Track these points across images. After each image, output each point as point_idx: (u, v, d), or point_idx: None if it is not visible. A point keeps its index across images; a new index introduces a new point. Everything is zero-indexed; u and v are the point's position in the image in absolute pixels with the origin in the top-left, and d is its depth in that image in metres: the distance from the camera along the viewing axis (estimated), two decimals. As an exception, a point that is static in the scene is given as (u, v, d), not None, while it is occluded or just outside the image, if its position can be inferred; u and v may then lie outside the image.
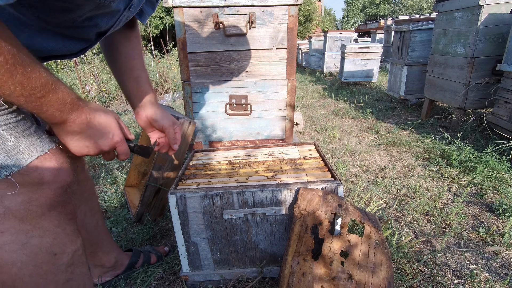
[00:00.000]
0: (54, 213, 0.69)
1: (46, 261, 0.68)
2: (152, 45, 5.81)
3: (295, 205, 0.95)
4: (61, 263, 0.71)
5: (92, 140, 0.67)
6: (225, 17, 1.53)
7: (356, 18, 34.28)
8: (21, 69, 0.50)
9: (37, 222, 0.66)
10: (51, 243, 0.69)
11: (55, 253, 0.69)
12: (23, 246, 0.65)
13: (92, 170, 2.24)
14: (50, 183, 0.66)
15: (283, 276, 0.85)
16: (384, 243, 0.90)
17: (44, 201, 0.66)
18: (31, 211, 0.65)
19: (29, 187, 0.64)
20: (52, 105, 0.57)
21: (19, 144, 0.62)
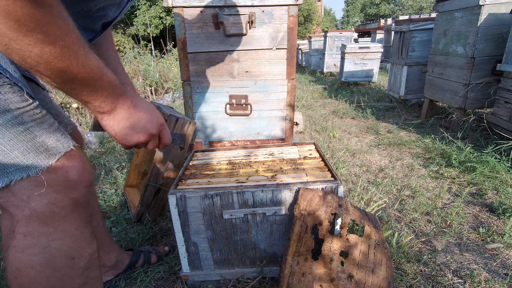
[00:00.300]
0: (75, 215, 0.68)
1: (64, 265, 0.67)
2: (152, 45, 5.81)
3: (295, 205, 0.95)
4: (78, 267, 0.70)
5: (141, 125, 0.65)
6: (225, 17, 1.53)
7: (356, 18, 34.28)
8: (83, 50, 0.50)
9: (59, 224, 0.65)
10: (70, 246, 0.68)
11: (73, 257, 0.69)
12: (44, 250, 0.64)
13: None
14: (76, 182, 0.65)
15: (283, 276, 0.85)
16: (384, 243, 0.90)
17: (68, 202, 0.65)
18: (55, 213, 0.64)
19: (54, 187, 0.62)
20: (106, 89, 0.56)
21: (47, 140, 0.61)
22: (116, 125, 0.62)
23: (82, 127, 3.26)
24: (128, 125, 0.63)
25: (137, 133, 0.65)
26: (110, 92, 0.57)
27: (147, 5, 12.69)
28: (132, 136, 0.65)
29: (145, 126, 0.66)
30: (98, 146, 2.65)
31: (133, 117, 0.64)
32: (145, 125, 0.66)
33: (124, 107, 0.62)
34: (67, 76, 0.49)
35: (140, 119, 0.65)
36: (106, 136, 2.78)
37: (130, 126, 0.63)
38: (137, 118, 0.64)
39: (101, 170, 2.14)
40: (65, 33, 0.46)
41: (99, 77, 0.53)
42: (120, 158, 2.37)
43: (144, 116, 0.66)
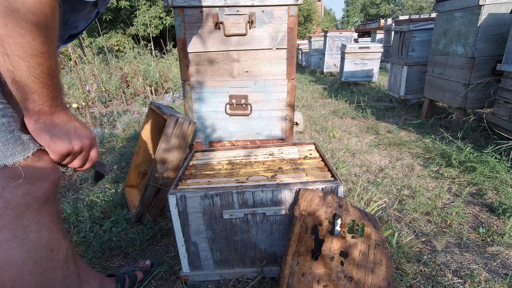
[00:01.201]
0: (48, 208, 0.69)
1: (45, 258, 0.68)
2: (152, 45, 5.81)
3: (296, 206, 0.95)
4: (58, 260, 0.71)
5: (77, 133, 0.66)
6: (225, 17, 1.53)
7: (356, 18, 34.28)
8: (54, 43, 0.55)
9: (34, 216, 0.66)
10: (47, 238, 0.68)
11: (52, 249, 0.69)
12: (22, 243, 0.65)
13: (92, 170, 2.24)
14: (49, 175, 0.68)
15: (283, 276, 0.85)
16: (384, 243, 0.90)
17: (41, 194, 0.67)
18: (29, 205, 0.65)
19: (29, 179, 0.64)
20: (56, 89, 0.59)
21: (22, 135, 0.63)
22: (53, 129, 0.62)
23: (82, 127, 3.26)
24: (65, 130, 0.64)
25: (73, 140, 0.65)
26: (57, 94, 0.60)
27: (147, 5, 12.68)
28: (68, 143, 0.64)
29: (80, 135, 0.67)
30: (98, 146, 2.65)
31: (70, 124, 0.65)
32: (81, 134, 0.67)
33: (64, 112, 0.64)
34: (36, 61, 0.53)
35: (76, 127, 0.66)
36: (106, 136, 2.78)
37: (66, 132, 0.64)
38: (73, 126, 0.66)
39: (101, 170, 2.14)
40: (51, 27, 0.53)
41: (55, 74, 0.58)
42: (120, 158, 2.37)
43: (80, 126, 0.67)
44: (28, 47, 0.51)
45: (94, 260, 1.28)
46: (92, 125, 3.18)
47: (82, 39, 7.09)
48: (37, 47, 0.52)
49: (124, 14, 12.82)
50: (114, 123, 3.48)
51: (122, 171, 2.13)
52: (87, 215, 1.54)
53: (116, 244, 1.36)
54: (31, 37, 0.51)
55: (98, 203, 1.68)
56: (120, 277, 1.06)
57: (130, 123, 3.31)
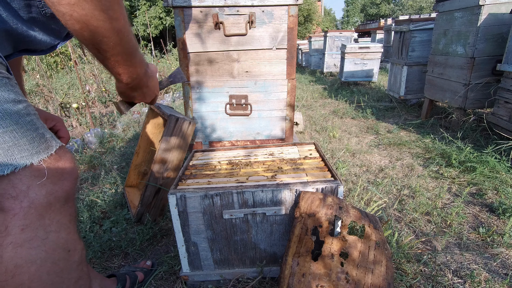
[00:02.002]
0: (67, 208, 0.69)
1: (62, 258, 0.68)
2: (152, 45, 5.81)
3: (296, 208, 0.95)
4: (74, 261, 0.70)
5: (156, 82, 0.81)
6: (225, 17, 1.53)
7: (356, 18, 34.28)
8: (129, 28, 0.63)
9: (55, 216, 0.66)
10: (66, 238, 0.68)
11: (69, 249, 0.69)
12: (43, 242, 0.64)
13: (92, 170, 2.24)
14: (70, 173, 0.68)
15: (283, 276, 0.85)
16: (385, 244, 0.90)
17: (62, 194, 0.67)
18: (51, 204, 0.65)
19: (52, 178, 0.64)
20: (140, 55, 0.70)
21: (45, 133, 0.64)
22: (148, 81, 0.77)
23: (82, 127, 3.26)
24: (152, 81, 0.79)
25: (156, 89, 0.83)
26: (142, 59, 0.72)
27: (147, 5, 12.68)
28: (155, 89, 0.81)
29: (157, 83, 0.83)
30: (98, 146, 2.65)
31: (154, 75, 0.81)
32: (157, 82, 0.83)
33: (150, 68, 0.78)
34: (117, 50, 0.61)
35: (156, 78, 0.82)
36: (106, 136, 2.78)
37: (153, 83, 0.80)
38: (155, 77, 0.82)
39: (101, 170, 2.14)
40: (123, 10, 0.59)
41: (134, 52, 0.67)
42: (120, 158, 2.37)
43: (155, 75, 0.83)
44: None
45: (94, 260, 1.28)
46: (92, 125, 3.18)
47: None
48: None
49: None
50: (114, 123, 3.48)
51: (122, 171, 2.13)
52: (87, 215, 1.54)
53: (116, 244, 1.36)
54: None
55: (98, 203, 1.68)
56: (121, 277, 1.06)
57: (130, 123, 3.31)
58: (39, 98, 3.51)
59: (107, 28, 0.55)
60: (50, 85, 3.68)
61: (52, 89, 3.64)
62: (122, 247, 1.34)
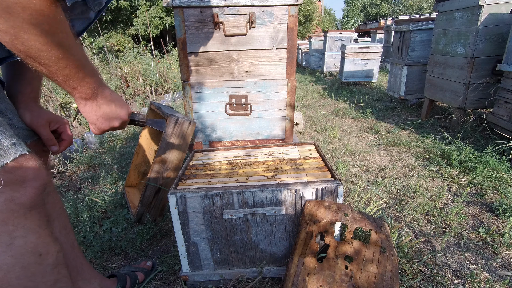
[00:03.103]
0: (34, 213, 0.68)
1: (33, 262, 0.67)
2: (152, 45, 5.81)
3: (301, 217, 0.97)
4: (48, 264, 0.70)
5: (117, 112, 0.75)
6: (225, 17, 1.53)
7: (356, 18, 34.27)
8: (72, 40, 0.61)
9: (19, 222, 0.66)
10: (35, 243, 0.68)
11: (41, 253, 0.69)
12: (8, 248, 0.64)
13: (92, 170, 2.24)
14: (32, 181, 0.67)
15: (289, 275, 0.86)
16: (392, 250, 0.90)
17: (25, 200, 0.66)
18: (13, 210, 0.65)
19: (11, 186, 0.64)
20: (92, 77, 0.67)
21: (3, 140, 0.63)
22: (97, 110, 0.72)
23: (82, 127, 3.26)
24: (106, 111, 0.73)
25: (113, 119, 0.75)
26: (94, 79, 0.68)
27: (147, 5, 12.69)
28: (109, 121, 0.75)
29: (118, 113, 0.76)
30: (98, 146, 2.65)
31: (110, 104, 0.74)
32: (119, 112, 0.76)
33: (104, 94, 0.72)
34: (62, 63, 0.60)
35: (116, 106, 0.75)
36: (106, 136, 2.78)
37: (109, 112, 0.74)
38: (113, 105, 0.74)
39: (101, 170, 2.14)
40: (62, 25, 0.58)
41: (85, 65, 0.65)
42: (120, 158, 2.37)
43: (118, 103, 0.76)
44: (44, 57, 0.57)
45: (94, 260, 1.28)
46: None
47: (82, 39, 7.09)
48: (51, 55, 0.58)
49: (124, 14, 12.82)
50: (114, 123, 3.47)
51: (122, 171, 2.13)
52: (87, 215, 1.54)
53: (116, 244, 1.36)
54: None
55: (98, 203, 1.68)
56: (122, 277, 1.06)
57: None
58: (39, 98, 3.51)
59: (42, 42, 0.55)
60: (50, 85, 3.68)
61: (52, 89, 3.64)
62: (122, 247, 1.34)
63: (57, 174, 2.19)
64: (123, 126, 0.80)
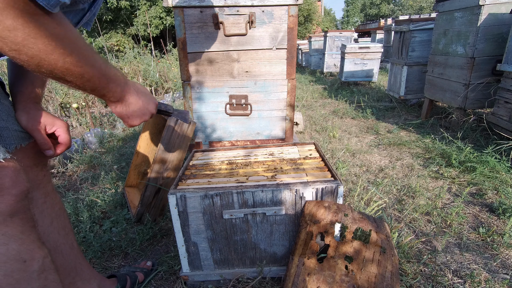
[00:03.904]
0: (16, 220, 0.67)
1: (17, 269, 0.66)
2: (152, 45, 5.81)
3: (301, 217, 0.97)
4: (33, 270, 0.68)
5: (145, 107, 0.80)
6: (225, 17, 1.53)
7: (356, 18, 34.27)
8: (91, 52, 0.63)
9: (0, 229, 0.64)
10: (18, 249, 0.66)
11: (25, 260, 0.67)
12: None
13: (92, 170, 2.24)
14: (10, 188, 0.66)
15: (289, 274, 0.86)
16: (392, 250, 0.90)
17: (4, 208, 0.65)
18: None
19: None
20: (115, 81, 0.70)
21: None
22: (127, 110, 0.77)
23: (82, 127, 3.26)
24: (136, 107, 0.78)
25: (142, 112, 0.80)
26: (118, 84, 0.71)
27: (147, 5, 12.69)
28: (140, 115, 0.80)
29: (146, 106, 0.81)
30: (98, 146, 2.65)
31: (138, 101, 0.78)
32: (147, 106, 0.81)
33: (131, 92, 0.76)
34: (85, 78, 0.63)
35: (143, 102, 0.80)
36: (106, 136, 2.78)
37: (138, 108, 0.79)
38: (141, 101, 0.79)
39: (101, 170, 2.14)
40: (76, 42, 0.59)
41: (106, 72, 0.67)
42: (120, 158, 2.37)
43: (145, 98, 0.80)
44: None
45: (94, 260, 1.28)
46: (92, 125, 3.18)
47: (82, 39, 7.08)
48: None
49: (124, 14, 12.82)
50: (114, 123, 3.48)
51: (122, 171, 2.13)
52: (87, 215, 1.54)
53: (116, 244, 1.36)
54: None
55: (98, 203, 1.68)
56: (121, 277, 1.06)
57: (130, 123, 3.30)
58: (39, 98, 3.51)
59: (68, 62, 0.57)
60: (50, 85, 3.68)
61: (52, 89, 3.64)
62: (122, 247, 1.34)
63: (57, 174, 2.19)
64: (151, 117, 0.86)
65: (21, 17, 0.48)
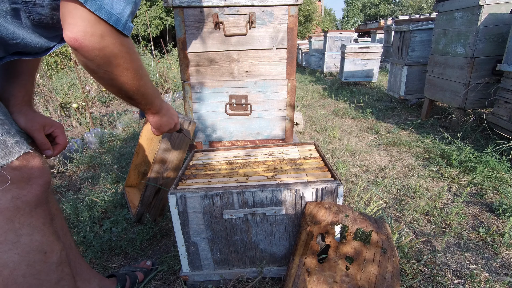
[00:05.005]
0: (39, 211, 0.69)
1: (38, 260, 0.68)
2: (152, 45, 5.81)
3: (302, 218, 0.97)
4: (52, 262, 0.71)
5: (171, 118, 0.99)
6: (225, 17, 1.53)
7: (356, 18, 34.27)
8: (146, 77, 0.78)
9: (25, 219, 0.66)
10: (40, 241, 0.68)
11: (45, 251, 0.69)
12: (14, 246, 0.65)
13: (92, 170, 2.24)
14: (38, 178, 0.68)
15: (290, 275, 0.86)
16: (393, 251, 0.90)
17: (31, 198, 0.67)
18: (19, 208, 0.65)
19: (18, 183, 0.65)
20: (157, 97, 0.87)
21: (8, 139, 0.64)
22: (161, 119, 0.95)
23: (82, 127, 3.26)
24: (166, 118, 0.97)
25: (170, 123, 0.99)
26: (159, 100, 0.89)
27: (147, 5, 12.69)
28: (168, 124, 0.99)
29: (173, 118, 1.01)
30: (98, 146, 2.65)
31: (168, 113, 0.97)
32: (173, 117, 1.01)
33: (164, 106, 0.94)
34: (147, 97, 0.80)
35: (170, 114, 0.99)
36: (106, 136, 2.78)
37: (167, 119, 0.98)
38: (170, 113, 0.99)
39: (101, 170, 2.14)
40: (139, 65, 0.72)
41: (154, 91, 0.84)
42: (120, 158, 2.37)
43: (171, 112, 1.00)
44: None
45: (94, 260, 1.28)
46: (92, 125, 3.18)
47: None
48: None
49: (124, 14, 12.80)
50: (114, 123, 3.48)
51: (122, 171, 2.13)
52: (87, 215, 1.54)
53: (116, 244, 1.36)
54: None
55: (98, 203, 1.68)
56: (121, 277, 1.06)
57: (130, 123, 3.31)
58: (39, 98, 3.51)
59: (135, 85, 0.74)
60: (50, 85, 3.68)
61: (52, 89, 3.64)
62: (122, 247, 1.34)
63: (57, 174, 2.19)
64: (175, 128, 1.06)
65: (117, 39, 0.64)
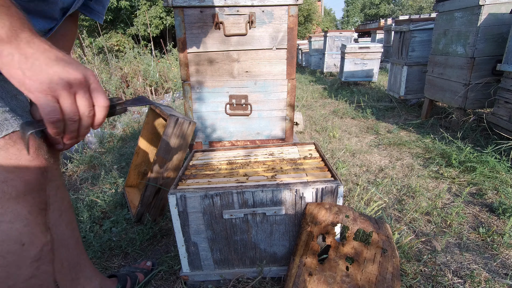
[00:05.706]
0: (28, 198, 0.62)
1: (12, 251, 0.61)
2: (152, 45, 5.81)
3: (303, 219, 0.97)
4: (28, 256, 0.63)
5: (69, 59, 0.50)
6: (225, 17, 1.53)
7: (356, 18, 34.27)
8: None
9: (10, 205, 0.59)
10: (20, 231, 0.61)
11: (24, 243, 0.62)
12: None
13: (92, 170, 2.24)
14: (29, 162, 0.61)
15: (290, 275, 0.86)
16: (394, 252, 0.90)
17: (19, 183, 0.60)
18: (5, 192, 0.58)
19: (5, 166, 0.58)
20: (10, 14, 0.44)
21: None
22: (25, 62, 0.45)
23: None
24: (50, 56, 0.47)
25: (68, 65, 0.48)
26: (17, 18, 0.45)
27: (147, 5, 12.69)
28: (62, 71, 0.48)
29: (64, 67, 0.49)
30: (98, 146, 2.65)
31: (53, 50, 0.48)
32: (66, 66, 0.49)
33: (37, 38, 0.47)
34: None
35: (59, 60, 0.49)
36: (106, 136, 2.78)
37: (53, 58, 0.48)
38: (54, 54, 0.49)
39: (101, 170, 2.14)
40: None
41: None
42: (120, 158, 2.37)
43: (66, 59, 0.50)
44: None
45: (94, 260, 1.28)
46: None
47: (82, 39, 7.09)
48: None
49: (124, 14, 12.81)
50: (114, 123, 3.48)
51: (122, 171, 2.13)
52: (87, 215, 1.54)
53: (116, 244, 1.36)
54: None
55: (98, 203, 1.68)
56: (122, 277, 1.06)
57: (130, 123, 3.31)
58: (39, 98, 3.51)
59: None
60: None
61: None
62: (122, 247, 1.34)
63: (57, 174, 2.18)
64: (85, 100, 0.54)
65: None
